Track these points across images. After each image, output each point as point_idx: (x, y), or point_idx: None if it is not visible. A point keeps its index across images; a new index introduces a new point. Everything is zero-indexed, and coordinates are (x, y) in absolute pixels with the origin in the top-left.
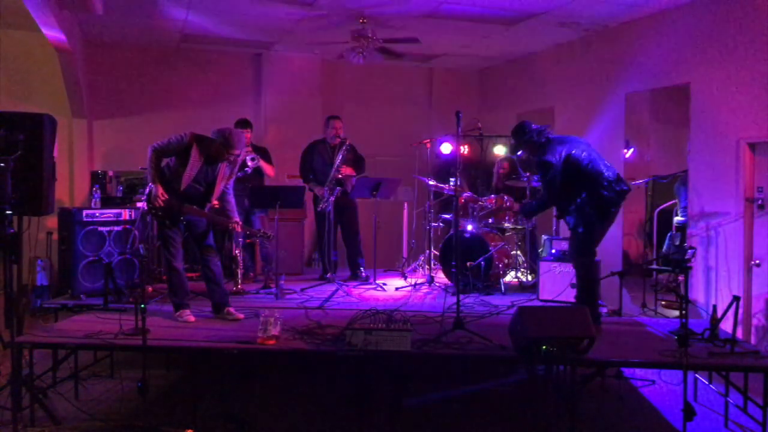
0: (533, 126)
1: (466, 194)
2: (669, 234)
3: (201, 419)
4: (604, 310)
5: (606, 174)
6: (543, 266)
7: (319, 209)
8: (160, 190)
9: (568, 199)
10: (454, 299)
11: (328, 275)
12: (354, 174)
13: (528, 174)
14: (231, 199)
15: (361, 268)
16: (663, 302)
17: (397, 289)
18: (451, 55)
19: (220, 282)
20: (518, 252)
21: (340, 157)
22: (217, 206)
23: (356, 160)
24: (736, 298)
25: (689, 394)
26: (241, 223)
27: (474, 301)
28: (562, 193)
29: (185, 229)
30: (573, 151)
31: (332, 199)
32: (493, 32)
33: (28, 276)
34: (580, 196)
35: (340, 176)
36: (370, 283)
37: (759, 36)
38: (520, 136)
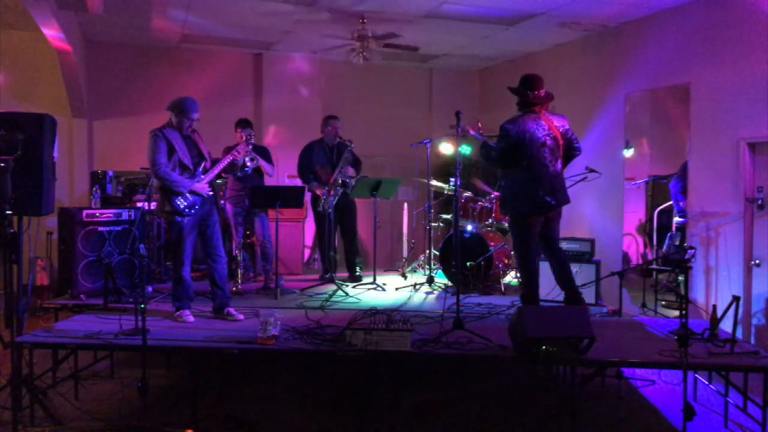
0: (533, 92)
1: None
2: (669, 234)
3: (201, 419)
4: (605, 310)
5: (538, 182)
6: (543, 266)
7: (319, 209)
8: (201, 186)
9: (507, 170)
10: (454, 299)
11: (328, 275)
12: (355, 175)
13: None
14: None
15: (358, 268)
16: (663, 302)
17: (397, 289)
18: (451, 55)
19: (224, 286)
20: None
21: (344, 159)
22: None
23: (355, 162)
24: (736, 298)
25: (689, 394)
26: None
27: (474, 301)
28: (504, 163)
29: (197, 228)
30: (530, 136)
31: (333, 200)
32: (493, 32)
33: (28, 276)
34: (511, 176)
35: (347, 180)
36: (370, 283)
37: (759, 36)
38: (523, 86)
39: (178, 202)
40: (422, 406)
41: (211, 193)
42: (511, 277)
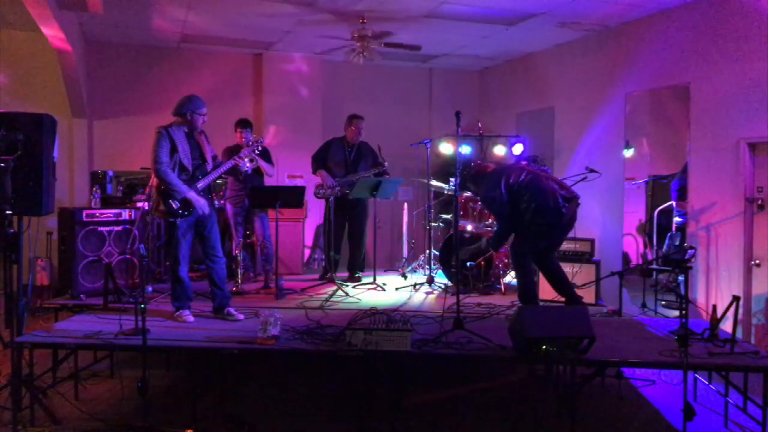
0: (475, 169)
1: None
2: (669, 234)
3: (201, 419)
4: (605, 310)
5: (549, 205)
6: None
7: (315, 194)
8: (194, 196)
9: (519, 222)
10: (454, 299)
11: (329, 275)
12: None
13: None
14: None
15: (358, 273)
16: (663, 302)
17: (397, 289)
18: (451, 55)
19: (223, 286)
20: None
21: (374, 167)
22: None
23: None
24: (736, 298)
25: (689, 394)
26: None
27: (474, 301)
28: (514, 220)
29: (194, 228)
30: (511, 180)
31: (333, 197)
32: (493, 32)
33: (28, 276)
34: (525, 220)
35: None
36: (370, 283)
37: (758, 36)
38: (473, 174)
39: (172, 204)
40: (422, 406)
41: (204, 203)
42: (511, 277)
